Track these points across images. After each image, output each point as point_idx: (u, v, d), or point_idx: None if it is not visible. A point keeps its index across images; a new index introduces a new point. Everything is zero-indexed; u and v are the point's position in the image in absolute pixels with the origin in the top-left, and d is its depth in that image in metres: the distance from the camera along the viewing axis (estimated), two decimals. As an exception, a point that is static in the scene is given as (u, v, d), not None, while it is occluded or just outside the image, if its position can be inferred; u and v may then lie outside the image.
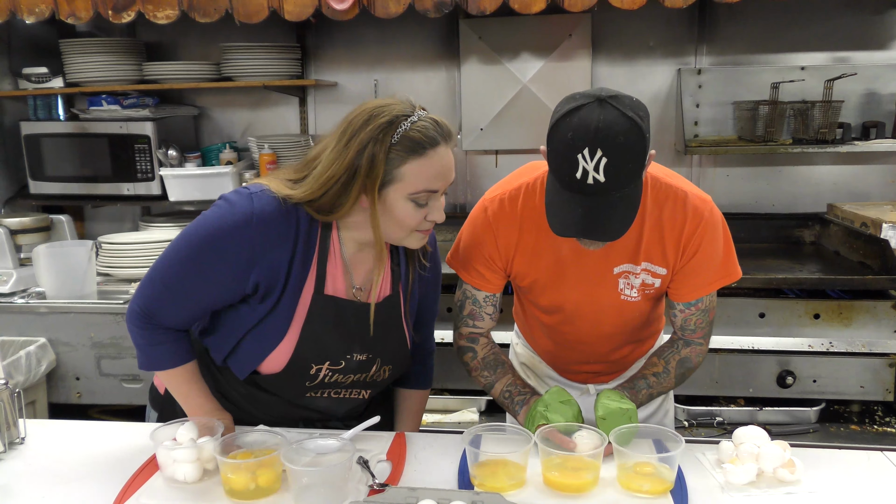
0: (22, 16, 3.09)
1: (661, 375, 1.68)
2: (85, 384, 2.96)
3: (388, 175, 1.42)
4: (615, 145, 1.33)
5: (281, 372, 1.54)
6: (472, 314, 1.75)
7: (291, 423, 1.65)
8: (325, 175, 1.44)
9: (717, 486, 1.41)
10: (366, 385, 1.64)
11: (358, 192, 1.44)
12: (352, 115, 1.47)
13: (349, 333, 1.56)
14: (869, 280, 2.62)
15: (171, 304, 1.50)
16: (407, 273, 1.65)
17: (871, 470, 1.49)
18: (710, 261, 1.61)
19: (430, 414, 2.79)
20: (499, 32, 3.41)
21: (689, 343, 1.72)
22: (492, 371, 1.73)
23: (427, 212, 1.48)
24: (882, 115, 3.26)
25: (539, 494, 1.38)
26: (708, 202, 1.60)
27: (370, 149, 1.40)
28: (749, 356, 2.68)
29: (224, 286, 1.48)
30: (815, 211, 3.39)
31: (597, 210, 1.38)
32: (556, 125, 1.38)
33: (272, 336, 1.51)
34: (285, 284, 1.48)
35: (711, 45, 3.39)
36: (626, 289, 1.65)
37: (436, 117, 1.47)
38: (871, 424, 2.67)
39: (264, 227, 1.44)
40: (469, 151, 3.61)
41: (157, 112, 3.44)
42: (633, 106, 1.37)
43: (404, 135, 1.41)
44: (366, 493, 1.37)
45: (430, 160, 1.43)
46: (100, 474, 1.48)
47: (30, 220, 3.30)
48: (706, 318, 1.69)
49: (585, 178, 1.35)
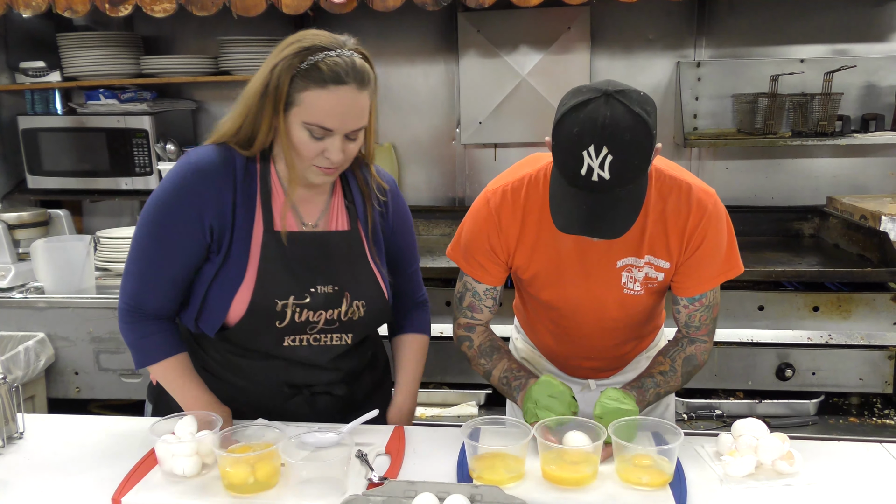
0: (19, 9, 3.07)
1: (667, 374, 1.67)
2: (84, 379, 2.96)
3: (290, 97, 1.46)
4: (621, 142, 1.32)
5: (247, 314, 1.54)
6: (471, 306, 1.75)
7: (276, 389, 1.63)
8: (244, 98, 1.52)
9: (716, 479, 1.41)
10: (344, 326, 1.62)
11: (269, 114, 1.48)
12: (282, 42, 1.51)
13: (308, 266, 1.57)
14: (868, 272, 2.62)
15: (150, 289, 1.55)
16: (364, 211, 1.66)
17: (869, 462, 1.49)
18: (714, 254, 1.60)
19: (429, 408, 2.79)
20: (497, 25, 3.40)
21: (693, 341, 1.71)
22: (488, 358, 1.73)
23: (325, 147, 1.49)
24: (881, 107, 3.25)
25: (538, 487, 1.38)
26: (712, 195, 1.59)
27: (280, 68, 1.45)
28: (748, 349, 2.68)
29: (187, 247, 1.53)
30: (814, 204, 3.38)
31: (601, 207, 1.38)
32: (562, 120, 1.37)
33: (232, 280, 1.54)
34: (233, 226, 1.53)
35: (711, 37, 3.38)
36: (630, 282, 1.63)
37: (358, 62, 1.47)
38: (870, 417, 2.67)
39: (202, 176, 1.51)
40: (468, 145, 3.60)
41: (154, 106, 3.43)
42: (640, 101, 1.35)
43: (314, 64, 1.44)
44: (365, 487, 1.37)
45: (329, 94, 1.44)
46: (99, 468, 1.48)
47: (28, 214, 3.29)
48: (710, 314, 1.69)
49: (590, 175, 1.34)
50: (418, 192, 3.72)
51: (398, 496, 1.29)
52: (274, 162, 1.59)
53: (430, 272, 2.76)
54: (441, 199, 3.71)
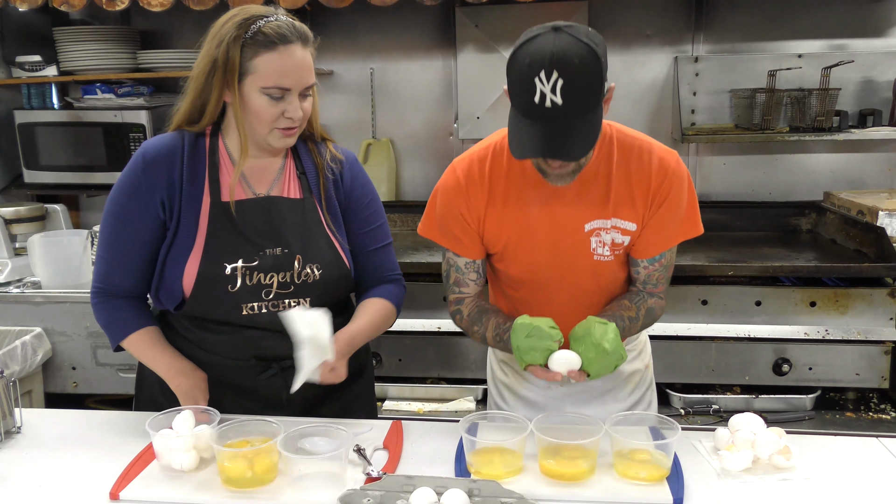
0: (15, 3, 3.07)
1: (633, 321, 1.67)
2: (81, 374, 2.96)
3: (243, 67, 1.52)
4: (571, 67, 1.35)
5: (198, 281, 1.58)
6: (456, 281, 1.75)
7: (245, 362, 1.64)
8: (192, 81, 1.58)
9: (713, 473, 1.42)
10: (299, 290, 1.63)
11: (220, 87, 1.55)
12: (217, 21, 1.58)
13: (257, 230, 1.61)
14: (865, 268, 2.63)
15: (116, 269, 1.64)
16: (318, 181, 1.69)
17: (866, 456, 1.50)
18: (675, 213, 1.63)
19: (427, 403, 2.79)
20: (495, 20, 3.39)
21: (652, 295, 1.73)
22: (479, 324, 1.72)
23: (284, 108, 1.54)
24: (879, 102, 3.25)
25: (536, 482, 1.38)
26: (674, 154, 1.63)
27: (226, 42, 1.51)
28: (745, 344, 2.69)
29: (145, 224, 1.60)
30: (811, 199, 3.38)
31: (556, 132, 1.39)
32: (514, 55, 1.41)
33: (183, 250, 1.59)
34: (181, 198, 1.59)
35: (708, 32, 3.38)
36: (599, 247, 1.64)
37: (295, 21, 1.57)
38: (867, 411, 2.68)
39: (151, 158, 1.60)
40: (465, 140, 3.59)
41: (151, 100, 3.42)
42: (588, 34, 1.40)
43: (258, 31, 1.51)
44: (363, 482, 1.37)
45: (280, 55, 1.51)
46: (97, 463, 1.48)
47: (24, 209, 3.29)
48: (666, 273, 1.72)
49: (543, 101, 1.36)
50: (416, 187, 3.71)
51: (396, 491, 1.29)
52: (223, 136, 1.65)
53: (428, 267, 2.77)
54: (438, 194, 3.70)
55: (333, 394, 1.71)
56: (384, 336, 1.86)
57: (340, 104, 3.65)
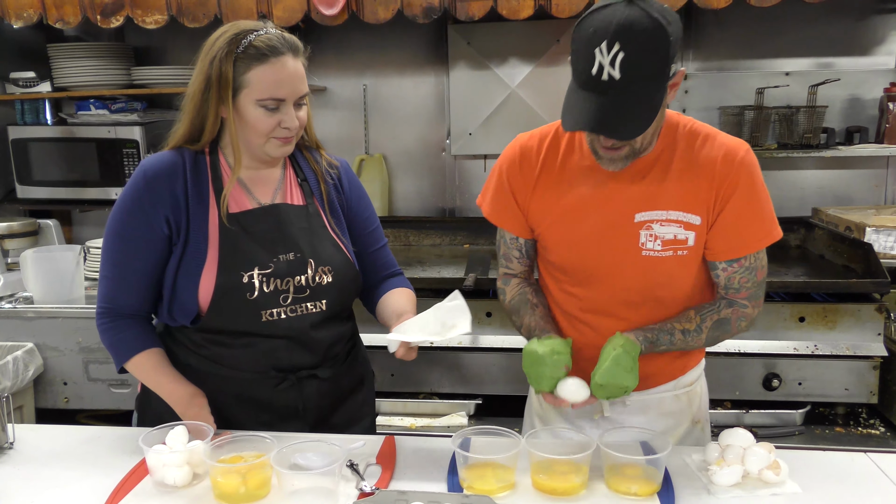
0: (9, 20, 3.08)
1: (689, 334, 1.57)
2: (72, 389, 2.95)
3: (237, 81, 1.55)
4: (634, 40, 1.29)
5: (216, 293, 1.58)
6: (505, 255, 1.75)
7: (262, 374, 1.65)
8: (188, 99, 1.61)
9: (704, 488, 1.42)
10: (315, 293, 1.65)
11: (216, 104, 1.57)
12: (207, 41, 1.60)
13: (268, 237, 1.63)
14: (853, 283, 2.65)
15: (122, 288, 1.65)
16: (319, 187, 1.73)
17: (855, 471, 1.51)
18: (749, 207, 1.54)
19: (420, 418, 2.79)
20: (487, 38, 3.43)
21: (732, 303, 1.60)
22: (517, 315, 1.71)
23: (280, 118, 1.57)
24: (865, 120, 3.30)
25: (528, 497, 1.39)
26: (744, 144, 1.55)
27: (218, 59, 1.54)
28: (735, 359, 2.70)
29: (150, 242, 1.61)
30: (800, 215, 3.41)
31: (609, 108, 1.34)
32: (580, 23, 1.36)
33: (196, 264, 1.60)
34: (188, 215, 1.61)
35: (697, 50, 3.42)
36: (649, 241, 1.54)
37: (284, 32, 1.59)
38: (856, 426, 2.69)
39: (153, 176, 1.60)
40: (458, 156, 3.62)
41: (145, 117, 3.43)
42: (662, 10, 1.33)
43: (249, 45, 1.54)
44: (356, 497, 1.37)
45: (272, 67, 1.54)
46: (89, 478, 1.48)
47: (17, 224, 3.29)
48: (752, 276, 1.59)
49: (601, 73, 1.32)
50: (408, 202, 3.73)
51: (389, 506, 1.30)
52: (222, 151, 1.67)
53: (422, 283, 2.77)
54: (431, 209, 3.73)
55: (343, 402, 1.76)
56: (376, 351, 1.87)
57: (333, 120, 3.67)
